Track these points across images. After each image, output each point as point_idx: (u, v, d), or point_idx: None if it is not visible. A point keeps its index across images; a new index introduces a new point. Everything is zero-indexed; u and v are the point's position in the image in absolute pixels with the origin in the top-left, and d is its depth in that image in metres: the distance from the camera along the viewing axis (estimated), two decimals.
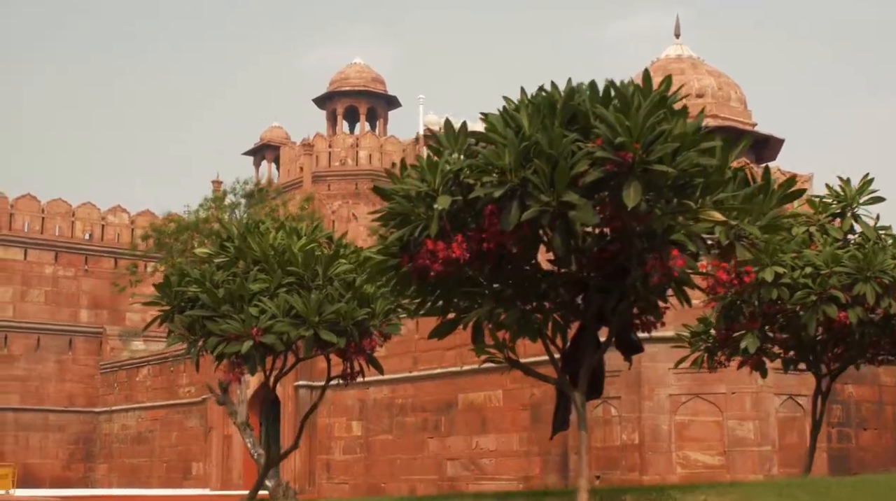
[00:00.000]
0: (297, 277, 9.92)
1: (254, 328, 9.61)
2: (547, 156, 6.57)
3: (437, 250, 7.16)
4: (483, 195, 6.93)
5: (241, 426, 15.02)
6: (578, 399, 8.65)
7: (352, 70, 53.70)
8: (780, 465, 24.80)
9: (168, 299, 10.38)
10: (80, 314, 49.84)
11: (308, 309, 9.54)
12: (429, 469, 32.40)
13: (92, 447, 49.36)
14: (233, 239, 10.27)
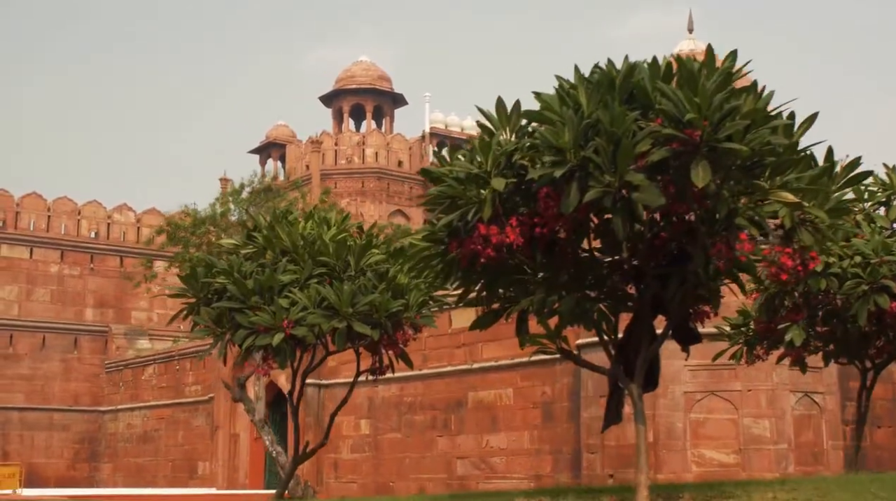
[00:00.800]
0: (329, 268, 9.63)
1: (284, 320, 9.31)
2: (608, 134, 6.29)
3: (491, 235, 6.83)
4: (541, 176, 6.60)
5: (258, 423, 14.78)
6: (635, 391, 8.34)
7: (358, 68, 53.48)
8: (796, 463, 24.53)
9: (194, 291, 10.06)
10: (85, 313, 49.63)
11: (341, 300, 9.26)
12: (438, 468, 32.16)
13: (97, 446, 49.14)
14: (260, 229, 9.98)
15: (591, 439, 26.12)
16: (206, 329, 10.06)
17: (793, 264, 7.50)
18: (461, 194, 6.86)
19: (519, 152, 6.87)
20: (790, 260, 7.48)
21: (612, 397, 9.14)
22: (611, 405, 9.13)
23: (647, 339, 8.61)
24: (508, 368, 30.21)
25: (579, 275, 7.50)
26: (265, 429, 14.63)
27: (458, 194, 6.87)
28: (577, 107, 6.65)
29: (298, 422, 11.76)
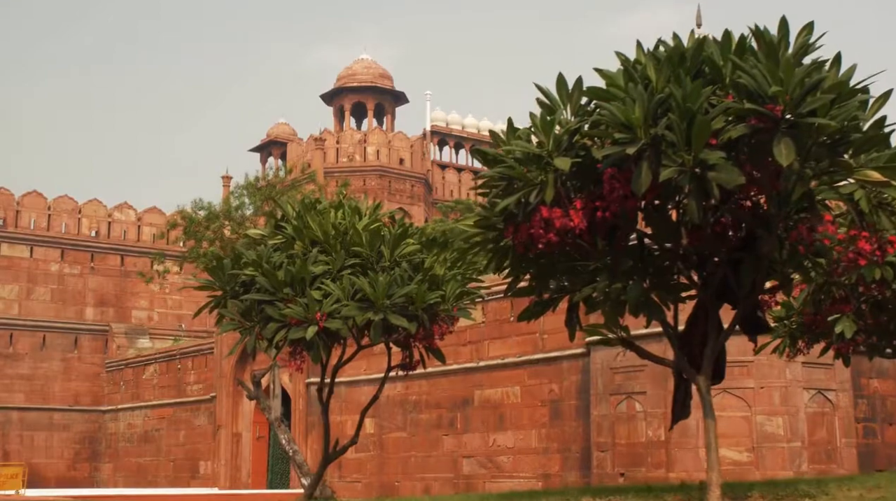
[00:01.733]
0: (362, 258, 9.27)
1: (317, 312, 8.94)
2: (681, 111, 5.96)
3: (553, 218, 6.47)
4: (609, 155, 6.25)
5: (275, 421, 14.40)
6: (703, 384, 7.94)
7: (359, 66, 53.24)
8: (809, 461, 24.27)
9: (221, 283, 9.67)
10: (85, 312, 49.33)
11: (377, 291, 8.92)
12: (444, 467, 31.89)
13: (97, 446, 48.85)
14: (289, 218, 9.61)
15: (601, 437, 25.86)
16: (234, 322, 9.62)
17: (871, 249, 7.10)
18: (521, 175, 6.48)
19: (582, 131, 6.50)
20: (868, 245, 7.08)
21: (677, 391, 8.71)
22: (677, 399, 8.72)
23: (715, 329, 8.17)
24: (515, 366, 29.96)
25: (643, 262, 7.12)
26: (281, 427, 14.20)
27: (519, 175, 6.49)
28: (646, 83, 6.34)
29: (328, 420, 11.38)
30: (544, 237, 6.60)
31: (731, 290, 7.68)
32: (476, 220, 6.84)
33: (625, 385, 25.43)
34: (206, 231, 28.22)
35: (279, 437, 14.24)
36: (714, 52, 6.22)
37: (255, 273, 9.12)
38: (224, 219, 27.86)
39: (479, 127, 57.91)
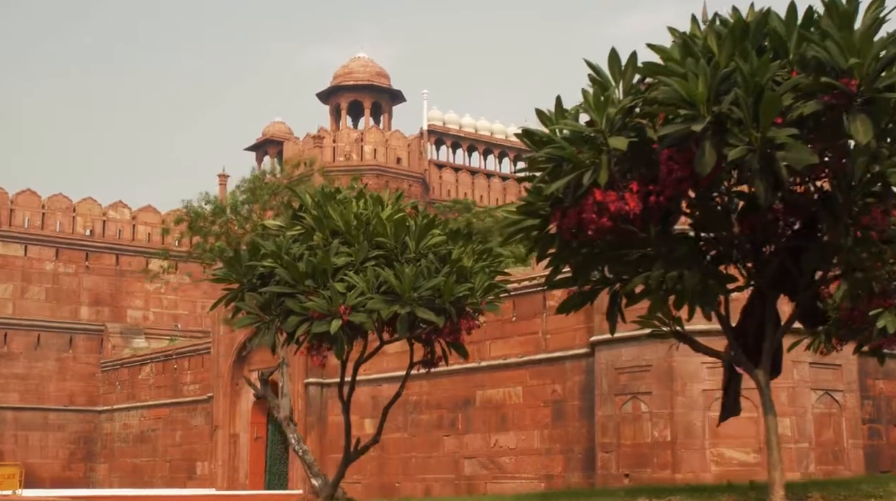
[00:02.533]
0: (386, 250, 8.89)
1: (341, 305, 8.57)
2: (748, 86, 5.60)
3: (608, 201, 6.06)
4: (668, 134, 5.86)
5: (284, 421, 14.04)
6: (762, 378, 7.57)
7: (356, 64, 52.90)
8: (816, 462, 24.01)
9: (238, 275, 9.25)
10: (80, 311, 48.97)
11: (403, 284, 8.60)
12: (445, 468, 31.59)
13: (93, 446, 48.49)
14: (307, 209, 9.22)
15: (606, 438, 25.58)
16: (252, 316, 9.22)
17: None
18: (572, 156, 6.10)
19: (636, 110, 6.14)
20: None
21: (729, 386, 8.33)
22: (729, 394, 8.36)
23: (772, 321, 7.73)
24: (517, 366, 29.66)
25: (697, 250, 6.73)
26: (290, 427, 13.87)
27: (570, 156, 6.10)
28: (708, 57, 5.95)
29: (349, 419, 11.03)
30: (596, 222, 6.20)
31: (790, 280, 7.28)
32: (519, 206, 6.49)
33: (630, 385, 25.15)
34: (211, 226, 27.79)
35: (288, 437, 13.91)
36: (778, 25, 5.86)
37: (275, 264, 8.74)
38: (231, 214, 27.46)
39: (477, 126, 57.58)
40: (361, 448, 11.41)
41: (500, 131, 57.39)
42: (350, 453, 11.24)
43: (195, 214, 28.06)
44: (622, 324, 24.21)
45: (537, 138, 6.23)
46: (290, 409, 15.13)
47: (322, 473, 13.19)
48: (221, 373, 39.79)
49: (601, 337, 25.90)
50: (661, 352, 24.46)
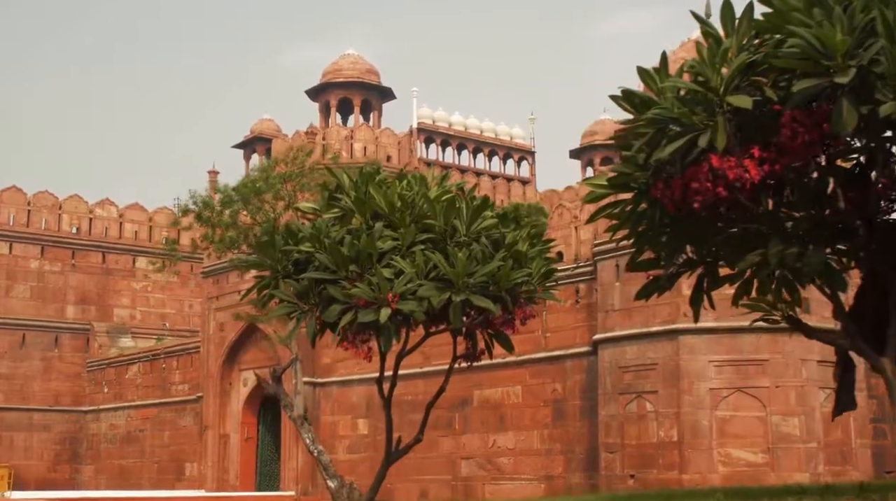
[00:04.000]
0: (435, 233, 8.26)
1: (389, 293, 8.03)
2: (892, 36, 4.93)
3: (726, 168, 5.36)
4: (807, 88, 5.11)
5: (298, 419, 13.47)
6: (889, 368, 6.75)
7: (345, 61, 52.28)
8: (825, 463, 23.59)
9: (272, 261, 8.60)
10: (66, 310, 48.22)
11: (457, 269, 7.99)
12: (442, 469, 31.08)
13: (78, 447, 47.75)
14: (345, 190, 8.56)
15: (609, 438, 25.12)
16: (288, 304, 8.52)
17: None
18: (685, 117, 5.46)
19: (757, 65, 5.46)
20: None
21: (844, 377, 7.58)
22: (844, 386, 7.60)
23: None
24: (516, 365, 29.12)
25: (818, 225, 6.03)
26: (305, 426, 13.31)
27: (683, 117, 5.46)
28: (845, 5, 5.24)
29: (390, 416, 10.42)
30: (711, 191, 5.52)
31: None
32: (610, 178, 5.88)
33: (635, 384, 24.71)
34: (221, 216, 27.08)
35: (302, 436, 13.39)
36: None
37: (314, 249, 8.09)
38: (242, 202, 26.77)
39: (466, 125, 57.05)
40: (403, 447, 10.84)
41: (490, 129, 56.98)
42: (392, 453, 10.63)
43: (204, 204, 27.31)
44: (625, 321, 23.77)
45: (638, 100, 5.64)
46: (304, 407, 14.62)
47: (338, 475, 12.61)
48: (211, 373, 39.20)
49: (604, 334, 25.47)
50: (667, 351, 24.05)
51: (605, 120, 45.94)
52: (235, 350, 38.81)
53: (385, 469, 10.63)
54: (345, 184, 8.50)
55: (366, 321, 7.83)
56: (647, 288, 6.55)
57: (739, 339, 23.72)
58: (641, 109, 5.54)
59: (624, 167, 5.77)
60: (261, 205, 27.34)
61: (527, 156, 52.04)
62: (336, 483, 12.25)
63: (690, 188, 5.42)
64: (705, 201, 5.43)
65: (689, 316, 24.96)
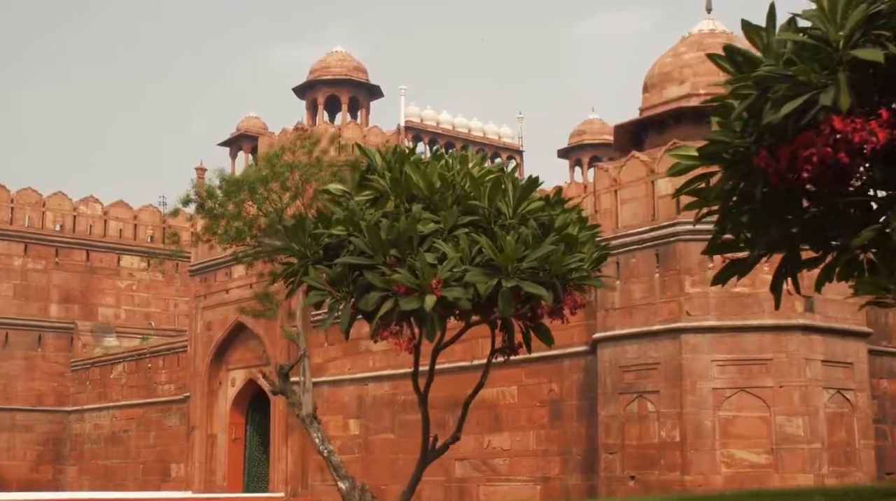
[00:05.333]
0: (479, 215, 7.70)
1: (433, 279, 7.37)
2: None
3: (850, 131, 4.78)
4: None
5: (307, 418, 12.96)
6: None
7: (333, 58, 51.81)
8: (829, 464, 23.22)
9: (301, 246, 8.07)
10: (49, 308, 47.56)
11: (506, 253, 7.36)
12: (435, 470, 30.49)
13: (62, 448, 47.12)
14: (378, 170, 8.02)
15: (609, 438, 24.68)
16: (322, 292, 7.94)
17: None
18: (803, 74, 4.87)
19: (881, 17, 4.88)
20: None
21: None
22: None
23: None
24: (512, 364, 28.42)
25: None
26: (314, 425, 12.80)
27: (801, 73, 4.83)
28: None
29: (427, 413, 9.91)
30: (831, 157, 4.96)
31: None
32: (701, 148, 5.32)
33: (636, 383, 24.28)
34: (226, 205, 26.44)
35: (312, 436, 12.88)
36: None
37: (346, 232, 7.51)
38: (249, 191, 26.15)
39: (454, 123, 56.73)
40: (440, 446, 10.31)
41: (478, 128, 56.66)
42: (428, 452, 10.12)
43: (208, 192, 26.66)
44: (625, 320, 23.35)
45: (742, 58, 5.10)
46: (313, 406, 14.11)
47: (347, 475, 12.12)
48: (199, 372, 38.68)
49: (604, 333, 25.03)
50: (669, 350, 23.64)
51: (593, 119, 45.63)
52: (223, 349, 38.31)
53: (421, 470, 10.10)
54: (377, 165, 8.00)
55: (408, 309, 7.28)
56: (726, 273, 6.04)
57: (742, 338, 23.34)
58: (745, 69, 5.02)
59: (719, 134, 5.22)
60: (267, 194, 26.76)
61: (515, 156, 51.66)
62: (347, 484, 11.74)
63: (799, 156, 4.91)
64: (814, 171, 4.93)
65: (691, 315, 24.79)
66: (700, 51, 26.41)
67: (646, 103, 26.88)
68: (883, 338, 26.82)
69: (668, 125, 26.20)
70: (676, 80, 26.29)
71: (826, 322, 23.83)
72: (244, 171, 27.85)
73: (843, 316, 24.23)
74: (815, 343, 23.49)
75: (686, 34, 27.27)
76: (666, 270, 23.77)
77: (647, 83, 27.12)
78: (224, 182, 27.33)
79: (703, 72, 26.06)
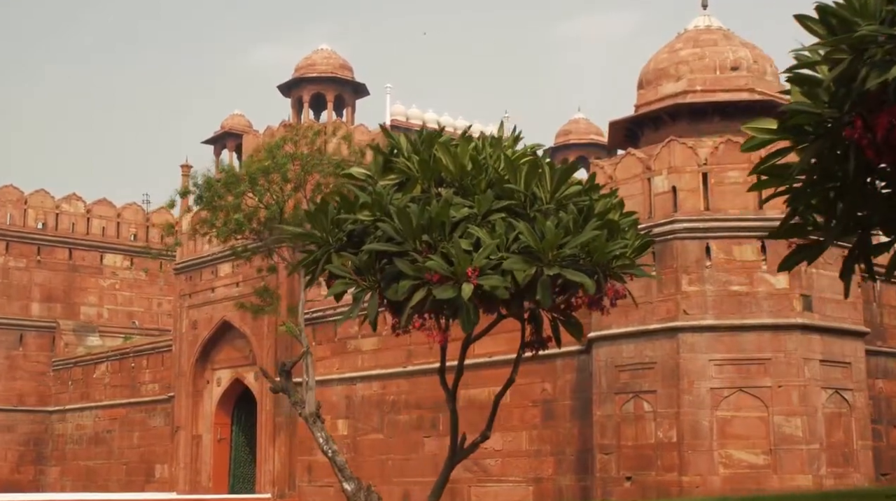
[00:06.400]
0: (514, 200, 7.30)
1: (469, 267, 6.91)
2: None
3: None
4: None
5: (310, 418, 12.53)
6: None
7: (318, 56, 51.38)
8: (827, 465, 22.94)
9: (324, 233, 7.46)
10: (31, 307, 46.97)
11: (547, 240, 6.87)
12: (425, 471, 30.22)
13: (43, 448, 46.53)
14: (404, 153, 7.55)
15: (605, 438, 24.34)
16: (348, 281, 7.45)
17: None
18: None
19: None
20: None
21: None
22: None
23: None
24: (504, 364, 28.24)
25: None
26: (317, 425, 12.37)
27: None
28: None
29: (455, 410, 9.45)
30: None
31: None
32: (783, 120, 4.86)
33: (632, 383, 23.95)
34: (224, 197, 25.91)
35: (315, 435, 12.44)
36: None
37: (372, 217, 7.01)
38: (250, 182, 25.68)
39: (440, 122, 56.37)
40: (469, 445, 9.86)
41: (464, 127, 56.15)
42: (458, 451, 9.70)
43: (207, 183, 26.13)
44: (621, 319, 22.97)
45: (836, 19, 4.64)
46: (317, 405, 13.68)
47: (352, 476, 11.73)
48: (184, 372, 38.19)
49: (599, 332, 24.67)
50: (666, 349, 23.32)
51: (579, 119, 45.41)
52: (209, 348, 37.83)
53: (450, 469, 9.65)
54: (402, 147, 7.57)
55: (444, 298, 6.83)
56: (794, 258, 5.65)
57: (741, 338, 23.05)
58: (839, 31, 4.59)
59: (803, 105, 4.79)
60: (268, 186, 26.31)
61: None
62: (353, 485, 11.31)
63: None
64: None
65: (689, 314, 24.49)
66: (696, 47, 26.14)
67: (641, 100, 26.56)
68: (878, 338, 26.57)
69: (664, 122, 25.90)
70: (673, 77, 25.98)
71: (824, 321, 23.56)
72: (245, 162, 27.35)
73: (842, 315, 23.98)
74: (814, 342, 23.21)
75: (682, 30, 26.96)
76: (663, 268, 23.44)
77: (642, 80, 26.80)
78: (224, 173, 26.85)
79: (700, 68, 25.79)
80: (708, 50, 25.92)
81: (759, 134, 4.99)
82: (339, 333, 33.23)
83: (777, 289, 23.14)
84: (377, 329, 7.66)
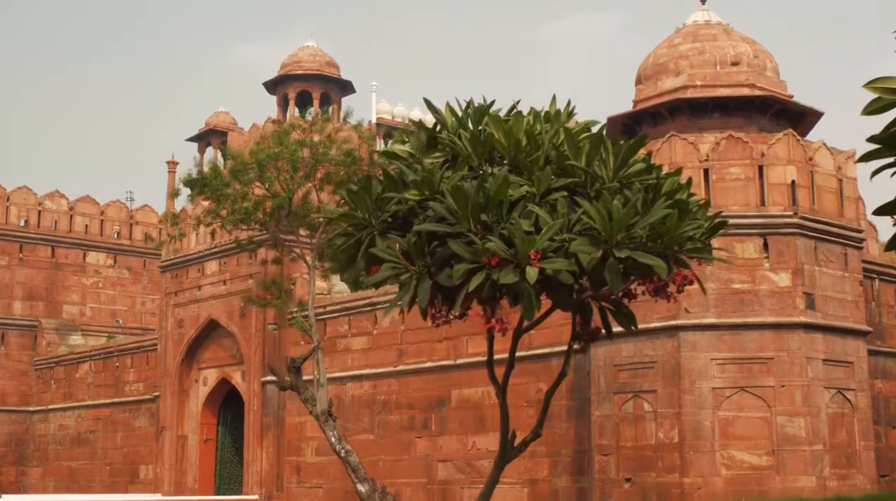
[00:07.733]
0: (578, 178, 6.81)
1: (531, 250, 6.35)
2: None
3: None
4: None
5: (321, 416, 12.09)
6: None
7: (304, 53, 50.98)
8: (830, 466, 22.61)
9: (365, 214, 6.83)
10: (13, 306, 46.30)
11: (616, 221, 6.35)
12: (417, 472, 29.78)
13: (25, 449, 45.86)
14: (450, 129, 7.03)
15: (603, 439, 23.94)
16: (396, 266, 6.83)
17: None
18: None
19: None
20: None
21: None
22: None
23: None
24: (497, 363, 27.77)
25: None
26: (329, 423, 11.93)
27: None
28: None
29: (506, 405, 8.98)
30: None
31: None
32: None
33: (631, 383, 23.56)
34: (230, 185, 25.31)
35: (327, 434, 12.02)
36: None
37: (421, 196, 6.44)
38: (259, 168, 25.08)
39: (426, 120, 55.93)
40: (520, 443, 9.42)
41: None
42: (508, 450, 9.24)
43: (213, 171, 25.56)
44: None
45: None
46: (329, 403, 13.24)
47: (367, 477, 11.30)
48: (169, 371, 37.61)
49: None
50: (667, 348, 22.95)
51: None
52: (195, 347, 37.25)
53: (500, 470, 9.14)
54: (448, 123, 7.08)
55: (507, 282, 6.30)
56: None
57: (743, 336, 22.70)
58: None
59: None
60: (277, 173, 25.76)
61: None
62: (367, 486, 10.90)
63: None
64: None
65: (690, 312, 24.12)
66: (696, 42, 25.81)
67: (639, 95, 26.19)
68: (877, 338, 26.30)
69: (663, 117, 25.55)
70: (672, 72, 25.62)
71: (827, 320, 23.24)
72: (252, 149, 26.78)
73: (844, 313, 23.67)
74: (817, 341, 22.88)
75: (681, 25, 26.62)
76: None
77: (640, 75, 26.44)
78: (230, 160, 26.30)
79: (699, 63, 25.45)
80: (708, 45, 25.60)
81: (886, 94, 4.55)
82: (328, 332, 32.72)
83: (779, 288, 22.83)
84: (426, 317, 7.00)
